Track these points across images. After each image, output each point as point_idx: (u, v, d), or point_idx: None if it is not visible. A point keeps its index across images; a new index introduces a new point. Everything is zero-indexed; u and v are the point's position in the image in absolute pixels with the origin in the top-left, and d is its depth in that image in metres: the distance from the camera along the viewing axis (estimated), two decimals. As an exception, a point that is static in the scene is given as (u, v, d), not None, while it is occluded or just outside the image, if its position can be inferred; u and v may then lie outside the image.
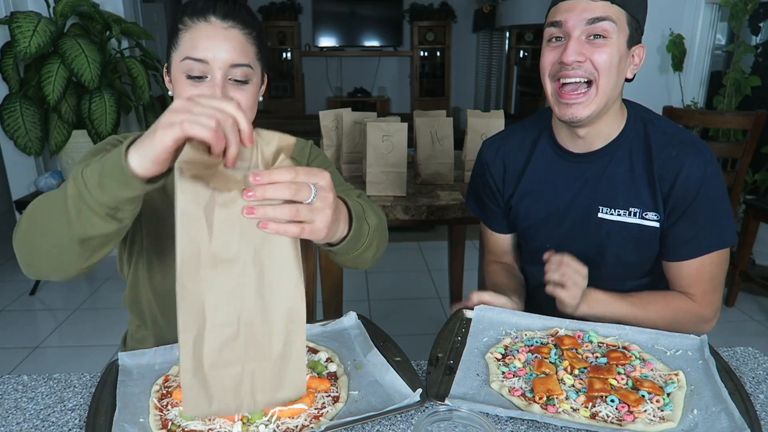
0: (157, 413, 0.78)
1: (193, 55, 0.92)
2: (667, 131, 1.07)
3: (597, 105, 1.02)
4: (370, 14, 7.07)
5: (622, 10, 0.99)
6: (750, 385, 0.87)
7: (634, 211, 1.08)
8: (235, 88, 0.95)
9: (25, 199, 2.94)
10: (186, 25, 0.94)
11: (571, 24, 0.99)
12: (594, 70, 1.00)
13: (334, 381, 0.85)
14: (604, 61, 0.99)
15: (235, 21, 0.94)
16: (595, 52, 0.99)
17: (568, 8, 1.00)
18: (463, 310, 1.07)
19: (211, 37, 0.92)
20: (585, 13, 0.98)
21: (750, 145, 2.55)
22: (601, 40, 0.99)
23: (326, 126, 2.23)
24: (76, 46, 2.67)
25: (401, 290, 3.09)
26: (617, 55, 1.00)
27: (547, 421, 0.76)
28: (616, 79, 1.01)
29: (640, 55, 1.06)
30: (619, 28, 0.99)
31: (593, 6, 0.98)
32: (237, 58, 0.93)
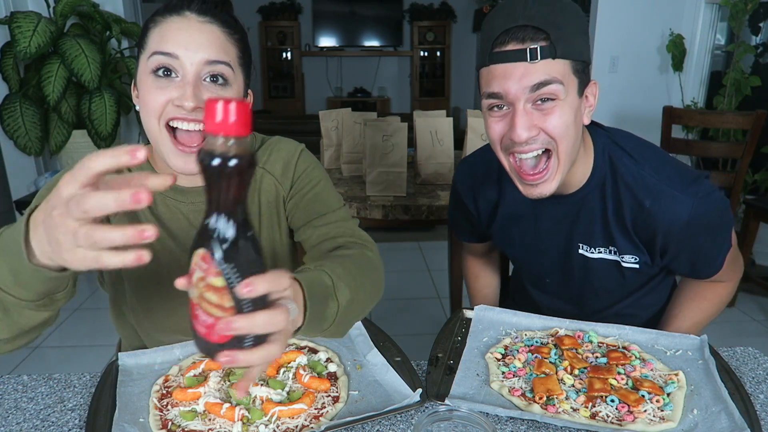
0: (157, 413, 0.78)
1: (161, 49, 0.80)
2: (632, 181, 0.96)
3: (562, 173, 0.91)
4: (370, 14, 7.07)
5: (566, 61, 0.85)
6: (750, 385, 0.87)
7: (613, 249, 1.02)
8: (210, 92, 0.81)
9: (25, 199, 2.94)
10: (156, 22, 0.83)
11: (513, 95, 0.85)
12: (550, 140, 0.88)
13: (334, 381, 0.85)
14: (560, 126, 0.87)
15: (213, 18, 0.83)
16: (547, 120, 0.86)
17: (504, 75, 0.85)
18: (464, 310, 1.07)
19: (184, 29, 0.80)
20: (525, 80, 0.84)
21: (750, 145, 2.55)
22: (550, 103, 0.86)
23: (326, 126, 2.23)
24: (76, 46, 2.67)
25: (401, 290, 3.09)
26: (572, 113, 0.87)
27: (547, 421, 0.76)
28: (575, 137, 0.90)
29: (594, 92, 0.93)
30: (567, 85, 0.86)
31: (533, 68, 0.83)
32: (214, 54, 0.81)
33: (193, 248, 0.52)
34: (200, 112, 0.80)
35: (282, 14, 6.97)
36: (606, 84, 3.65)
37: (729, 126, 2.70)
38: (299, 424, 0.76)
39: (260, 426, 0.75)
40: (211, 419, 0.76)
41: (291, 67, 7.21)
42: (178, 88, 0.80)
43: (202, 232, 0.50)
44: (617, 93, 3.77)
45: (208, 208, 0.50)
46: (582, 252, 1.05)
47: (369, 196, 1.89)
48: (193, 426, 0.75)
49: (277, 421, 0.76)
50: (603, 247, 1.03)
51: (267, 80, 7.17)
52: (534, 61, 0.83)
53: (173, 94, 0.80)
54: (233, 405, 0.78)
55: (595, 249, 1.04)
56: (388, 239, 3.81)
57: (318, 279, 0.74)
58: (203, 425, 0.76)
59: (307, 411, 0.78)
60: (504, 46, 0.85)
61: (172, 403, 0.80)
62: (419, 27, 7.14)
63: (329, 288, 0.74)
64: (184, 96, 0.79)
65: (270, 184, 0.97)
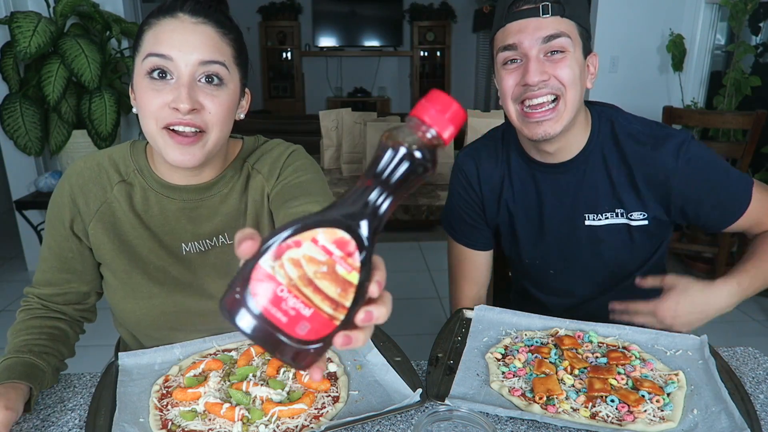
0: (157, 413, 0.78)
1: (155, 51, 0.81)
2: (632, 131, 1.05)
3: (567, 119, 0.99)
4: (370, 14, 7.07)
5: (572, 23, 0.97)
6: (750, 385, 0.87)
7: (620, 212, 1.06)
8: (206, 93, 0.82)
9: (25, 199, 2.94)
10: (150, 24, 0.84)
11: (527, 44, 0.97)
12: (560, 86, 0.97)
13: (334, 381, 0.85)
14: (569, 75, 0.97)
15: (207, 18, 0.83)
16: (557, 68, 0.97)
17: (519, 29, 0.97)
18: (464, 310, 1.07)
19: (177, 31, 0.81)
20: (538, 32, 0.96)
21: (750, 145, 2.55)
22: (560, 55, 0.97)
23: (326, 126, 2.23)
24: (76, 46, 2.67)
25: (401, 290, 3.09)
26: (578, 67, 0.98)
27: (547, 421, 0.76)
28: (580, 90, 1.00)
29: (594, 64, 1.04)
30: (574, 41, 0.98)
31: (545, 23, 0.96)
32: (208, 54, 0.82)
33: (312, 222, 0.42)
34: (196, 114, 0.82)
35: (282, 14, 6.97)
36: (606, 84, 3.65)
37: (729, 126, 2.70)
38: (299, 424, 0.76)
39: (260, 426, 0.75)
40: (211, 419, 0.76)
41: (291, 67, 7.21)
42: (173, 91, 0.81)
43: (350, 211, 0.43)
44: (617, 93, 3.77)
45: (359, 203, 0.44)
46: (589, 223, 1.08)
47: (369, 196, 1.89)
48: (193, 426, 0.75)
49: (277, 421, 0.76)
50: (609, 211, 1.07)
51: (267, 80, 7.17)
52: (545, 16, 0.96)
53: (168, 97, 0.81)
54: (233, 405, 0.78)
55: (602, 215, 1.07)
56: (388, 239, 3.81)
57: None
58: (203, 425, 0.76)
59: (307, 411, 0.78)
60: (519, 6, 0.98)
61: (172, 403, 0.80)
62: (419, 27, 7.14)
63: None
64: (180, 98, 0.80)
65: (258, 182, 0.98)
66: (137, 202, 0.95)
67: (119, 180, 0.95)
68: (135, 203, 0.95)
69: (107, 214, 0.94)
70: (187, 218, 0.96)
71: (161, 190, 0.95)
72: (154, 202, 0.95)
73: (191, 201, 0.95)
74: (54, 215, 0.95)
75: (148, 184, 0.94)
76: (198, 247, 0.96)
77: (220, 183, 0.96)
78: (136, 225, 0.95)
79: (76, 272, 0.97)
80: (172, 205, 0.95)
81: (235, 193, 0.97)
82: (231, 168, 0.97)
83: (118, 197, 0.94)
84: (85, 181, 0.94)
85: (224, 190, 0.96)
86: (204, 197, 0.95)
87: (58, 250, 0.95)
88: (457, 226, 1.22)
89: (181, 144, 0.83)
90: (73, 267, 0.97)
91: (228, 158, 0.97)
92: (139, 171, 0.95)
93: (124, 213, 0.94)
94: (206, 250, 0.97)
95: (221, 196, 0.96)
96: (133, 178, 0.95)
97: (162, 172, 0.94)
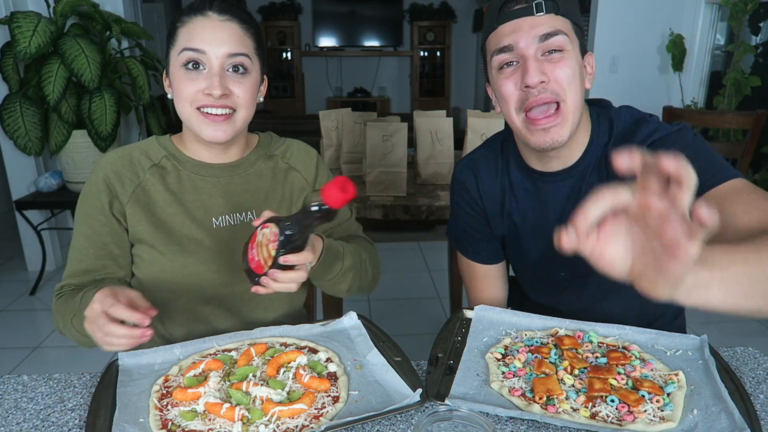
0: (157, 413, 0.78)
1: (190, 46, 0.94)
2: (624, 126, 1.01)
3: (572, 122, 0.96)
4: (370, 14, 7.07)
5: (567, 20, 0.94)
6: (750, 385, 0.87)
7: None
8: (233, 80, 0.97)
9: (25, 199, 2.94)
10: (183, 21, 0.97)
11: (524, 44, 0.92)
12: (560, 89, 0.93)
13: (334, 381, 0.85)
14: (568, 76, 0.93)
15: (231, 15, 0.97)
16: (557, 69, 0.92)
17: (514, 29, 0.93)
18: (464, 310, 1.07)
19: (208, 28, 0.95)
20: (534, 30, 0.92)
21: (750, 145, 2.55)
22: (558, 54, 0.93)
23: (326, 126, 2.23)
24: (76, 46, 2.67)
25: (401, 290, 3.09)
26: (577, 66, 0.94)
27: (547, 421, 0.76)
28: (580, 92, 0.96)
29: (591, 63, 1.00)
30: (572, 39, 0.94)
31: (539, 21, 0.92)
32: (234, 48, 0.96)
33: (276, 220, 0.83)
34: (226, 98, 0.97)
35: (282, 14, 6.98)
36: (606, 84, 3.65)
37: (729, 126, 2.70)
38: (299, 424, 0.76)
39: (260, 426, 0.75)
40: (211, 419, 0.76)
41: (291, 67, 7.21)
42: (206, 79, 0.95)
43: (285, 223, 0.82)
44: (617, 93, 3.77)
45: (292, 221, 0.82)
46: None
47: (369, 196, 1.89)
48: (193, 426, 0.76)
49: (277, 421, 0.76)
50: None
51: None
52: (539, 14, 0.92)
53: (202, 85, 0.95)
54: (233, 405, 0.78)
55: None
56: (388, 239, 3.81)
57: (335, 245, 1.01)
58: (203, 425, 0.76)
59: (307, 411, 0.78)
60: (511, 6, 0.94)
61: (172, 403, 0.80)
62: (419, 27, 7.14)
63: (340, 253, 1.01)
64: (212, 86, 0.94)
65: (297, 179, 1.15)
66: (171, 182, 1.05)
67: (151, 165, 1.05)
68: (169, 183, 1.05)
69: (142, 195, 1.03)
70: (219, 193, 1.07)
71: (193, 168, 1.06)
72: (187, 180, 1.06)
73: (222, 177, 1.07)
74: (90, 204, 1.02)
75: (181, 165, 1.06)
76: (228, 221, 1.07)
77: (246, 163, 1.10)
78: (170, 202, 1.04)
79: (113, 257, 1.03)
80: (204, 183, 1.07)
81: (266, 178, 1.11)
82: (254, 153, 1.12)
83: (151, 179, 1.04)
84: (118, 168, 1.03)
85: (250, 170, 1.10)
86: (233, 175, 1.08)
87: (95, 237, 1.02)
88: (466, 242, 1.19)
89: (215, 122, 0.97)
90: (111, 252, 1.03)
91: (249, 145, 1.13)
92: (171, 156, 1.07)
93: (159, 192, 1.04)
94: (235, 224, 1.07)
95: (249, 176, 1.10)
96: (165, 162, 1.06)
97: (193, 153, 1.07)
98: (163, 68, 1.04)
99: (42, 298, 2.96)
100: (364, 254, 1.10)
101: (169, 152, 1.07)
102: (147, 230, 1.03)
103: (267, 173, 1.12)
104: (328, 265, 0.98)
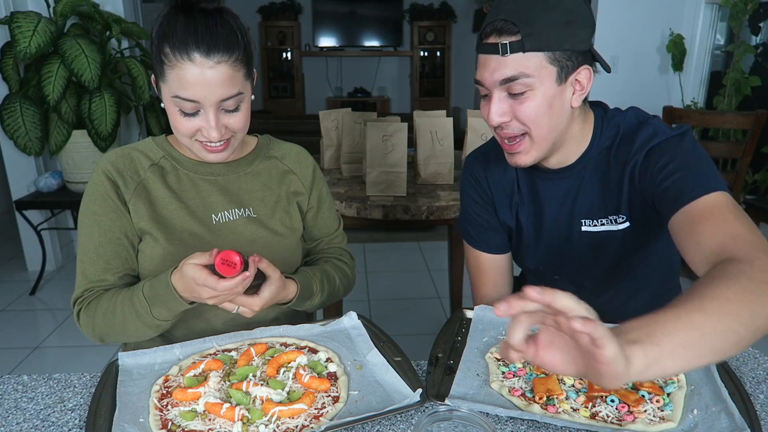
0: (157, 413, 0.78)
1: (182, 95, 0.93)
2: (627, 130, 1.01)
3: (538, 151, 0.98)
4: (370, 14, 7.07)
5: (539, 54, 0.90)
6: (750, 385, 0.87)
7: (613, 218, 1.03)
8: (228, 115, 0.97)
9: (25, 199, 2.94)
10: (170, 60, 0.91)
11: (488, 84, 0.94)
12: (524, 125, 0.95)
13: (334, 381, 0.85)
14: (531, 114, 0.94)
15: (219, 52, 0.91)
16: (519, 109, 0.94)
17: (483, 65, 0.95)
18: (464, 310, 1.07)
19: (198, 77, 0.91)
20: (496, 73, 0.92)
21: (750, 145, 2.55)
22: (521, 96, 0.93)
23: (326, 126, 2.23)
24: (76, 46, 2.67)
25: (401, 290, 3.09)
26: (544, 102, 0.93)
27: (547, 421, 0.76)
28: (550, 122, 0.96)
29: (586, 77, 0.97)
30: (540, 76, 0.92)
31: (504, 63, 0.91)
32: (227, 92, 0.94)
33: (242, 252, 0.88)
34: (224, 134, 0.98)
35: (282, 14, 6.97)
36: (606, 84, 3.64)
37: (729, 126, 2.70)
38: (299, 424, 0.76)
39: (260, 426, 0.75)
40: (211, 419, 0.77)
41: (291, 67, 7.21)
42: (202, 121, 0.96)
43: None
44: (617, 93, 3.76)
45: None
46: (585, 229, 1.06)
47: (369, 196, 1.89)
48: (193, 426, 0.76)
49: (277, 421, 0.76)
50: (603, 217, 1.04)
51: (267, 80, 7.16)
52: (505, 55, 0.91)
53: (199, 124, 0.96)
54: (233, 405, 0.78)
55: (597, 221, 1.05)
56: (388, 239, 3.81)
57: (309, 285, 1.08)
58: (203, 425, 0.76)
59: (307, 411, 0.78)
60: (487, 38, 0.94)
61: (172, 403, 0.80)
62: (419, 27, 7.14)
63: (313, 293, 1.09)
64: (210, 134, 0.96)
65: (294, 181, 1.17)
66: (171, 181, 1.07)
67: (151, 164, 1.07)
68: (169, 182, 1.07)
69: (143, 192, 1.05)
70: (218, 191, 1.09)
71: (192, 168, 1.09)
72: (186, 179, 1.08)
73: (221, 176, 1.10)
74: (97, 203, 1.03)
75: (179, 165, 1.08)
76: (227, 217, 1.09)
77: (244, 163, 1.13)
78: (171, 200, 1.06)
79: (128, 252, 1.05)
80: (203, 181, 1.09)
81: (264, 177, 1.14)
82: (252, 154, 1.14)
83: (152, 177, 1.06)
84: (118, 167, 1.05)
85: (248, 170, 1.13)
86: (231, 174, 1.11)
87: (110, 233, 1.03)
88: (473, 230, 1.20)
89: (214, 151, 1.00)
90: (126, 247, 1.04)
91: (247, 146, 1.15)
92: (169, 156, 1.08)
93: (159, 190, 1.06)
94: (235, 220, 1.09)
95: (247, 175, 1.12)
96: (164, 162, 1.08)
97: (190, 153, 1.09)
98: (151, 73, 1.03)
99: (42, 298, 2.97)
100: (338, 280, 1.17)
101: (166, 152, 1.08)
102: (149, 224, 1.04)
103: (265, 173, 1.14)
104: (298, 304, 1.07)
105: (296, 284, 1.04)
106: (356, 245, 3.62)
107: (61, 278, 3.19)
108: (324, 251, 1.23)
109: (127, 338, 1.02)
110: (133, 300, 0.96)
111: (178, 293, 0.91)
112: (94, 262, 1.02)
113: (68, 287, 3.03)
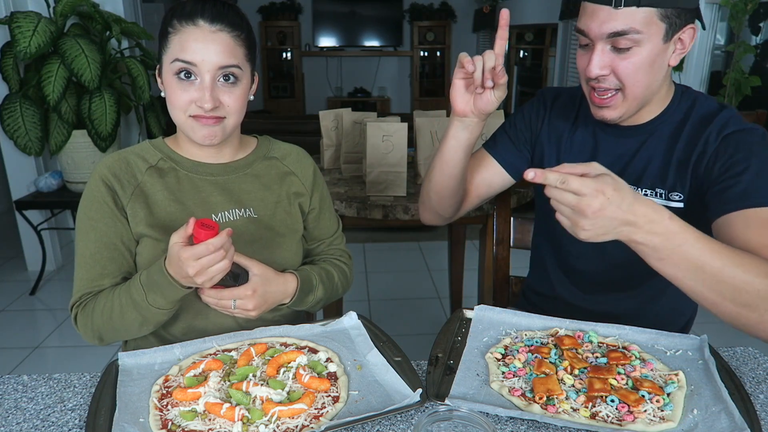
0: (157, 413, 0.78)
1: (182, 57, 0.95)
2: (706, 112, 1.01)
3: (627, 108, 0.99)
4: (370, 14, 7.07)
5: (652, 10, 0.90)
6: (750, 385, 0.87)
7: (660, 192, 1.03)
8: (224, 90, 0.99)
9: (25, 199, 2.94)
10: (175, 28, 0.97)
11: (593, 35, 0.94)
12: (621, 81, 0.95)
13: (334, 381, 0.85)
14: (630, 72, 0.94)
15: (222, 24, 0.97)
16: (621, 65, 0.94)
17: (590, 15, 0.93)
18: (464, 310, 1.07)
19: (200, 40, 0.95)
20: (605, 26, 0.91)
21: (750, 145, 2.54)
22: (626, 52, 0.93)
23: (326, 126, 2.23)
24: (76, 46, 2.67)
25: (401, 290, 3.09)
26: (648, 59, 0.93)
27: (547, 421, 0.76)
28: (647, 80, 0.96)
29: (690, 35, 0.96)
30: (649, 32, 0.91)
31: (615, 16, 0.90)
32: (225, 60, 0.97)
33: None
34: (217, 110, 0.99)
35: (282, 14, 6.98)
36: (606, 84, 3.65)
37: (729, 126, 2.69)
38: (299, 424, 0.76)
39: (260, 426, 0.75)
40: (211, 419, 0.76)
41: (291, 67, 7.22)
42: (198, 91, 0.97)
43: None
44: (617, 93, 3.77)
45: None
46: None
47: (369, 196, 1.89)
48: (193, 426, 0.76)
49: (277, 421, 0.76)
50: (650, 189, 1.04)
51: (267, 80, 7.17)
52: (618, 8, 0.90)
53: (194, 95, 0.97)
54: (233, 405, 0.78)
55: (641, 190, 1.04)
56: (388, 239, 3.81)
57: (309, 278, 1.11)
58: (203, 425, 0.76)
59: (307, 411, 0.78)
60: None
61: (172, 403, 0.80)
62: (419, 27, 7.14)
63: (314, 286, 1.11)
64: (204, 99, 0.96)
65: (295, 182, 1.17)
66: (169, 181, 1.07)
67: (148, 167, 1.07)
68: (167, 183, 1.07)
69: (141, 196, 1.05)
70: (218, 191, 1.09)
71: (191, 168, 1.09)
72: (186, 180, 1.08)
73: (220, 176, 1.10)
74: (93, 209, 1.03)
75: (178, 166, 1.08)
76: (228, 216, 1.09)
77: (244, 163, 1.13)
78: (169, 201, 1.06)
79: (124, 257, 1.05)
80: (203, 182, 1.09)
81: (264, 177, 1.14)
82: (252, 155, 1.15)
83: (149, 180, 1.06)
84: (115, 171, 1.05)
85: (248, 170, 1.13)
86: (231, 174, 1.11)
87: (106, 238, 1.03)
88: (499, 136, 1.21)
89: (207, 125, 0.99)
90: (122, 251, 1.04)
91: (247, 147, 1.16)
92: (167, 158, 1.08)
93: (158, 192, 1.05)
94: (234, 220, 1.09)
95: (247, 175, 1.12)
96: (162, 164, 1.08)
97: (188, 153, 1.09)
98: (155, 68, 1.05)
99: (42, 298, 2.97)
100: (337, 277, 1.18)
101: (164, 154, 1.08)
102: (147, 227, 1.03)
103: (265, 173, 1.15)
104: (300, 300, 1.09)
105: (296, 278, 1.06)
106: (356, 245, 3.62)
107: (61, 278, 3.19)
108: (324, 252, 1.24)
109: (124, 333, 1.02)
110: (130, 289, 0.96)
111: (171, 276, 0.91)
112: (91, 267, 1.02)
113: (68, 287, 3.02)
